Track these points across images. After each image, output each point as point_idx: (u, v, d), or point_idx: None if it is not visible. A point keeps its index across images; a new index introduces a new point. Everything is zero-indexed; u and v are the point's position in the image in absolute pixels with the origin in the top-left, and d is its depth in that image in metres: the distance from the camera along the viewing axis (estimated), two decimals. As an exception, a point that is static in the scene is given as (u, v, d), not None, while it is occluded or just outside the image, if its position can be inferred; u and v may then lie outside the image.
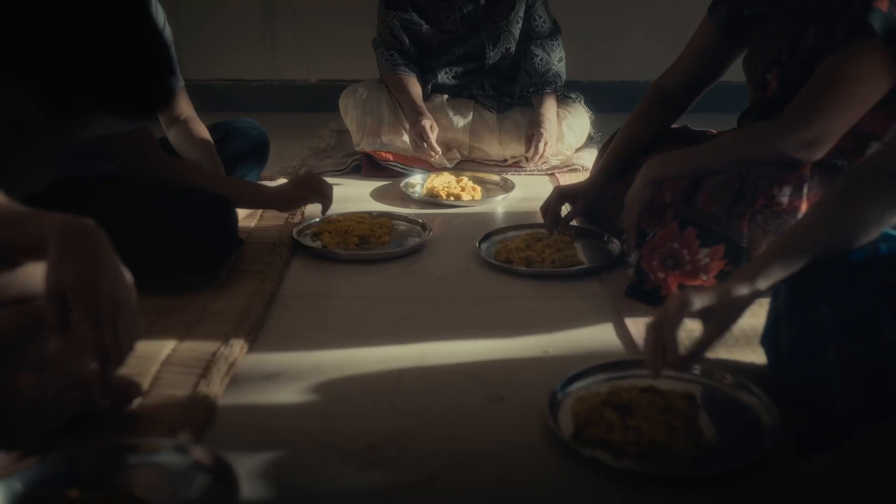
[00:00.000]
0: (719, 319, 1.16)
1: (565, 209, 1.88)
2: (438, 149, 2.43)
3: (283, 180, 2.21)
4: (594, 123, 2.67)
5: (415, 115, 2.45)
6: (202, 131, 1.97)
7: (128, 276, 1.02)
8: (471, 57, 2.63)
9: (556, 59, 2.62)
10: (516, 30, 2.61)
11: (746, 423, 1.16)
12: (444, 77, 2.63)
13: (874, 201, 1.16)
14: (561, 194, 1.86)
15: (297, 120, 3.29)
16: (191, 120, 1.99)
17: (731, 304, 1.16)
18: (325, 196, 1.88)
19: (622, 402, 1.17)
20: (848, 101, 1.47)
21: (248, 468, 1.05)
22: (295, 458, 1.10)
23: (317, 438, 1.14)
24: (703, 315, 1.16)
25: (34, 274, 1.04)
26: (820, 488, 0.94)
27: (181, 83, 2.00)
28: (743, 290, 1.16)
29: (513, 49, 2.63)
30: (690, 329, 1.21)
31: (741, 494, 1.01)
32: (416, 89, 2.55)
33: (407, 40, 2.58)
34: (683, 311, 1.15)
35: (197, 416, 1.16)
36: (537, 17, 2.64)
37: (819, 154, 1.51)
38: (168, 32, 1.93)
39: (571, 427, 1.15)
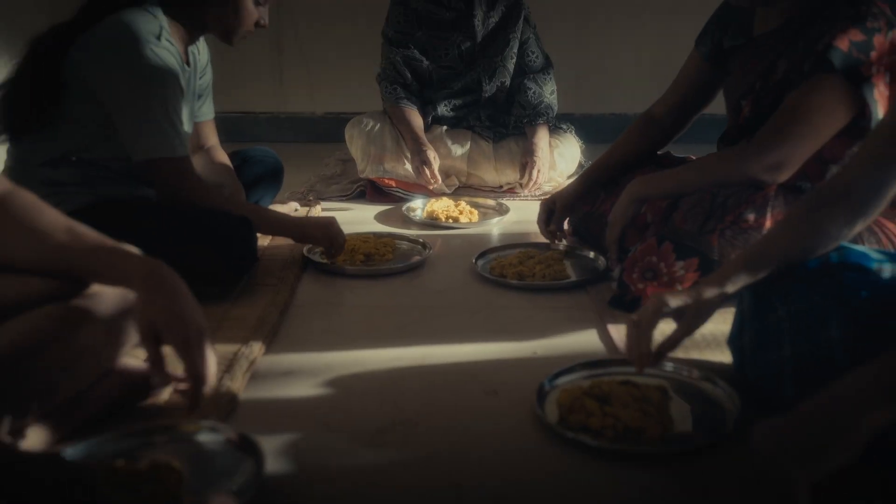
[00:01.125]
0: (690, 318, 1.30)
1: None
2: (439, 177, 2.60)
3: (294, 204, 2.37)
4: (585, 152, 2.84)
5: (417, 146, 2.61)
6: (224, 158, 2.14)
7: None
8: (468, 90, 2.81)
9: (548, 92, 2.80)
10: (510, 65, 2.79)
11: (712, 409, 1.30)
12: (443, 109, 2.81)
13: (831, 219, 1.30)
14: (544, 205, 2.07)
15: (303, 150, 3.46)
16: (214, 148, 2.16)
17: (702, 304, 1.30)
18: (336, 247, 1.96)
19: (601, 393, 1.30)
20: (809, 130, 1.63)
21: (269, 448, 1.18)
22: (310, 440, 1.24)
23: (329, 425, 1.28)
24: (676, 315, 1.31)
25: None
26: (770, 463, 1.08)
27: (212, 115, 2.17)
28: (712, 292, 1.30)
29: (507, 83, 2.80)
30: (664, 332, 1.35)
31: (703, 469, 1.15)
32: (417, 121, 2.72)
33: (409, 75, 2.76)
34: (659, 310, 1.30)
35: (222, 405, 1.31)
36: (530, 53, 2.82)
37: (783, 177, 1.67)
38: (209, 71, 2.11)
39: (556, 415, 1.29)
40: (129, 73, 1.76)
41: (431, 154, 2.58)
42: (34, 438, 1.14)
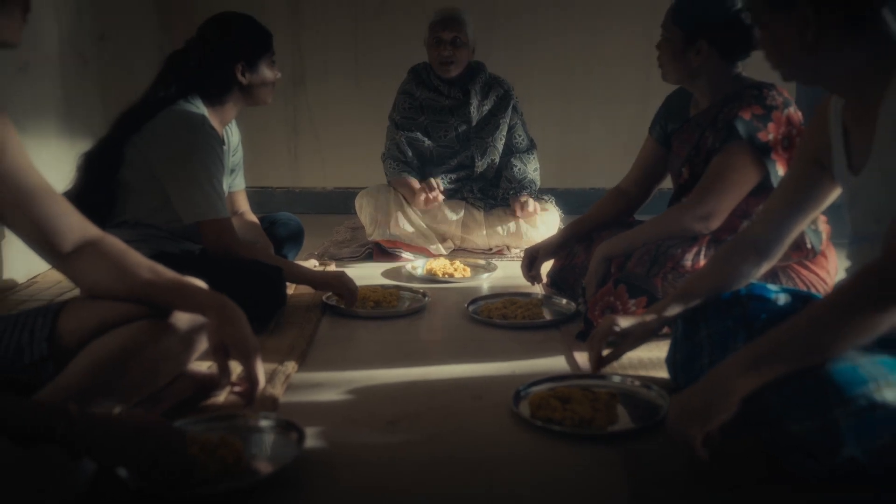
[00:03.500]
0: (635, 336, 1.69)
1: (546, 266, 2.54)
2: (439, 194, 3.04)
3: (313, 261, 2.77)
4: (563, 220, 3.25)
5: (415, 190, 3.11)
6: (254, 220, 2.55)
7: None
8: (463, 166, 3.25)
9: (532, 170, 3.24)
10: (500, 145, 3.24)
11: (647, 405, 1.67)
12: (441, 183, 3.24)
13: (742, 262, 1.69)
14: (527, 252, 2.48)
15: (315, 221, 3.85)
16: (246, 213, 2.58)
17: (644, 325, 1.68)
18: (350, 292, 2.34)
19: (563, 395, 1.67)
20: (728, 186, 2.05)
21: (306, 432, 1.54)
22: (337, 429, 1.59)
23: (352, 418, 1.65)
24: (623, 334, 1.69)
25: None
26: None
27: (243, 185, 2.59)
28: (653, 317, 1.69)
29: (497, 160, 3.24)
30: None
31: (637, 444, 1.51)
32: (416, 184, 3.15)
33: (410, 153, 3.20)
34: (611, 327, 1.68)
35: (267, 405, 1.67)
36: (517, 136, 3.27)
37: (713, 225, 2.07)
38: (241, 150, 2.53)
39: (528, 410, 1.65)
40: (180, 152, 2.19)
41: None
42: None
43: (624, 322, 1.69)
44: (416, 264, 2.92)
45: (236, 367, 1.53)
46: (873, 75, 1.37)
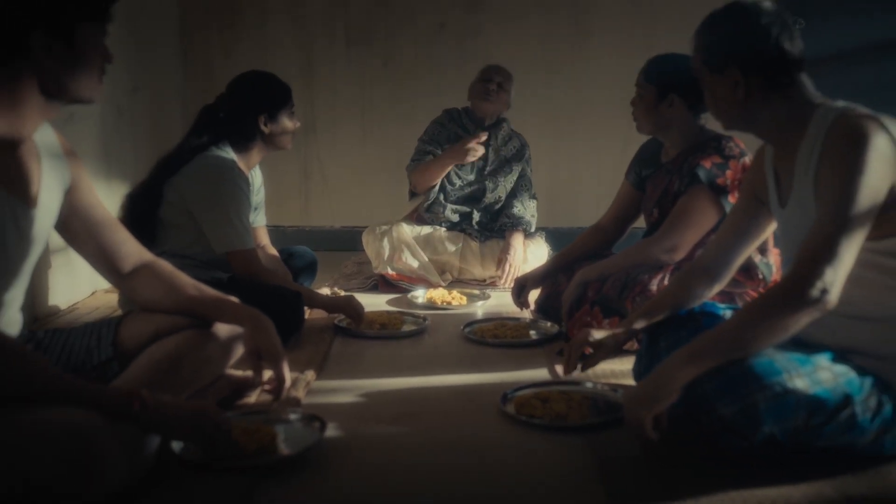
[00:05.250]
0: (607, 347, 1.98)
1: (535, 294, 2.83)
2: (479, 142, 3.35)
3: (326, 289, 3.07)
4: (551, 255, 3.56)
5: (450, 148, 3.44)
6: (274, 252, 2.87)
7: None
8: (471, 198, 3.59)
9: (529, 214, 3.58)
10: (508, 186, 3.61)
11: (613, 404, 1.96)
12: (448, 213, 3.57)
13: (697, 285, 1.98)
14: (517, 281, 2.79)
15: (324, 257, 4.13)
16: (266, 246, 2.90)
17: (614, 337, 1.97)
18: (358, 315, 2.67)
19: (543, 397, 1.96)
20: (690, 223, 2.37)
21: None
22: (350, 424, 1.88)
23: (362, 416, 1.94)
24: (597, 345, 1.98)
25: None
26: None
27: (264, 222, 2.91)
28: (622, 330, 1.98)
29: (503, 198, 3.60)
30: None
31: (603, 434, 1.80)
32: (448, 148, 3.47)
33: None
34: (586, 338, 1.97)
35: (292, 404, 1.95)
36: (524, 183, 3.63)
37: (677, 257, 2.38)
38: (263, 190, 2.86)
39: (513, 409, 1.94)
40: (213, 192, 2.51)
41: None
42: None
43: (597, 335, 1.98)
44: (417, 294, 3.22)
45: (267, 373, 1.84)
46: (793, 127, 1.69)
